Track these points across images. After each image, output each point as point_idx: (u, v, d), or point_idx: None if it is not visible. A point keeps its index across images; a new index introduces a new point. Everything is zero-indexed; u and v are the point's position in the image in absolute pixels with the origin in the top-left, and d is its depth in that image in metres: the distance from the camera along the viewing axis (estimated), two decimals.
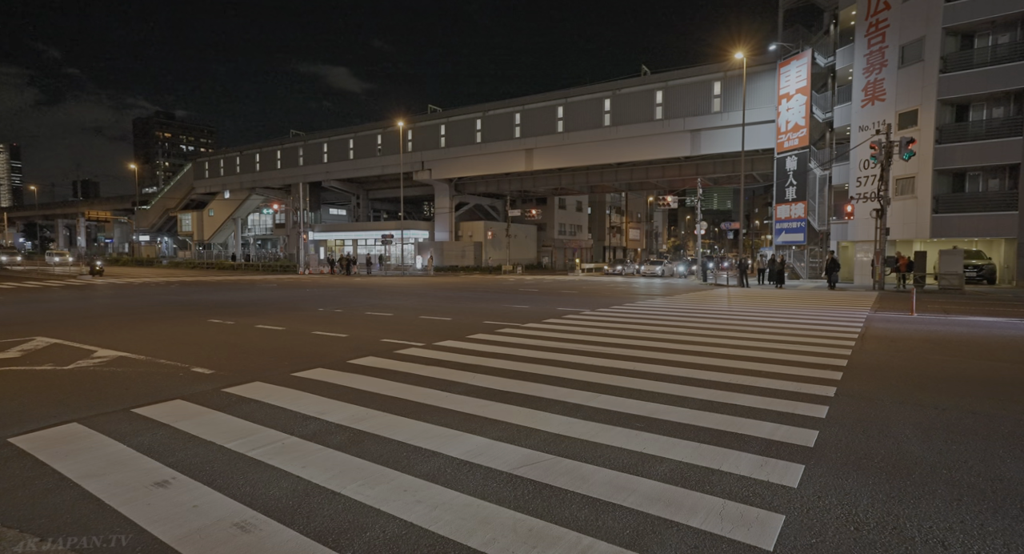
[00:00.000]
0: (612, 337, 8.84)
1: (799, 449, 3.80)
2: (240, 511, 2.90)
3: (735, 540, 2.60)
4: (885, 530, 2.70)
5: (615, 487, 3.18)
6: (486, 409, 4.78)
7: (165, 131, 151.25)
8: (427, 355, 7.33)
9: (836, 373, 6.18)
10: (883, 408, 4.83)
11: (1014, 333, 9.43)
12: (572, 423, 4.38)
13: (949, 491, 3.14)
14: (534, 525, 2.75)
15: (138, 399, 5.16)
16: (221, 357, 7.29)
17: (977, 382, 5.82)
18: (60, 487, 3.22)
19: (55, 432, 4.21)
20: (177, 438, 4.08)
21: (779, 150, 28.62)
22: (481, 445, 3.89)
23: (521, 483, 3.25)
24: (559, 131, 38.11)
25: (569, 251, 54.15)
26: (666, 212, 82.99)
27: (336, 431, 4.22)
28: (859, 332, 9.49)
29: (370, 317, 11.89)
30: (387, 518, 2.83)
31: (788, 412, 4.67)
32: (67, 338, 8.90)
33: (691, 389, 5.45)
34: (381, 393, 5.35)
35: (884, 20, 24.41)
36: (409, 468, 3.48)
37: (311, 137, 51.73)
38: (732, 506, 2.94)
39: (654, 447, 3.83)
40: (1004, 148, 21.59)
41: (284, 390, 5.48)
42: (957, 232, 22.90)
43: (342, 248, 52.42)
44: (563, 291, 20.65)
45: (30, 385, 5.74)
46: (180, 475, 3.38)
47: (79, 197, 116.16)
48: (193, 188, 64.99)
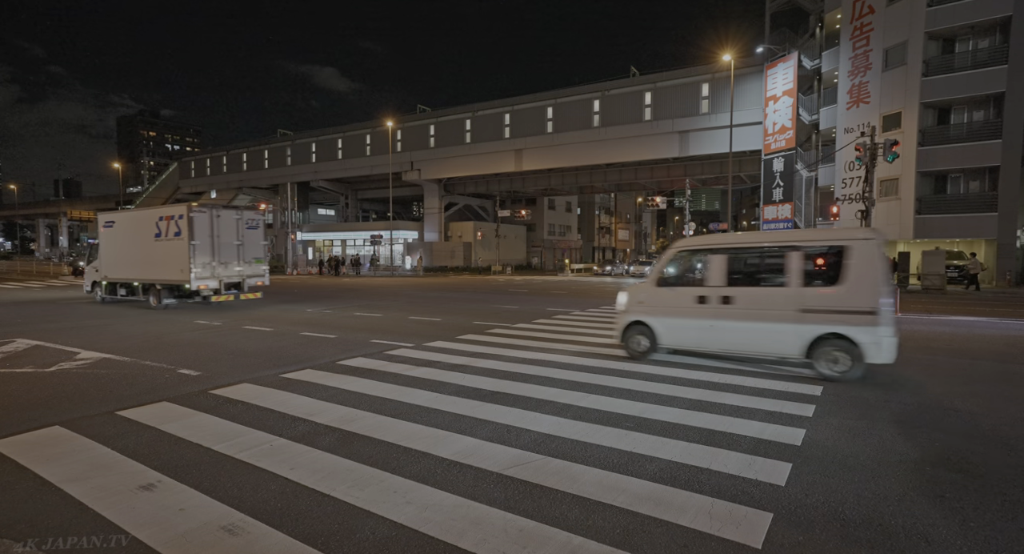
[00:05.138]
0: (602, 337, 8.87)
1: (786, 448, 3.84)
2: (228, 514, 2.87)
3: (724, 538, 2.62)
4: (870, 526, 2.74)
5: (605, 487, 3.19)
6: (476, 410, 4.77)
7: (150, 130, 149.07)
8: (417, 356, 7.30)
9: None
10: (869, 407, 4.89)
11: (993, 332, 9.61)
12: (562, 423, 4.39)
13: (932, 488, 3.19)
14: (524, 525, 2.75)
15: (122, 401, 5.08)
16: (208, 358, 7.21)
17: (959, 381, 5.92)
18: (41, 491, 3.16)
19: (36, 435, 4.13)
20: (163, 441, 4.02)
21: (766, 152, 28.93)
22: (471, 446, 3.88)
23: (511, 483, 3.25)
24: (549, 132, 38.17)
25: (558, 251, 54.25)
26: (655, 213, 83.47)
27: (325, 432, 4.18)
28: None
29: (359, 318, 11.82)
30: (377, 519, 2.81)
31: (776, 411, 4.72)
32: (49, 340, 8.74)
33: (680, 389, 5.48)
34: (371, 394, 5.32)
35: (868, 24, 24.77)
36: (399, 469, 3.46)
37: (299, 137, 51.31)
38: (721, 504, 2.97)
39: (644, 446, 3.85)
40: (984, 151, 22.01)
41: (272, 391, 5.43)
42: (940, 233, 23.30)
43: (331, 249, 52.05)
44: (552, 291, 20.68)
45: (10, 388, 5.63)
46: (166, 478, 3.33)
47: (61, 196, 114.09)
48: (179, 188, 64.13)
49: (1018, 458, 3.65)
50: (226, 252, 13.39)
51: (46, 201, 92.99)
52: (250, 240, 13.99)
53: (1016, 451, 3.78)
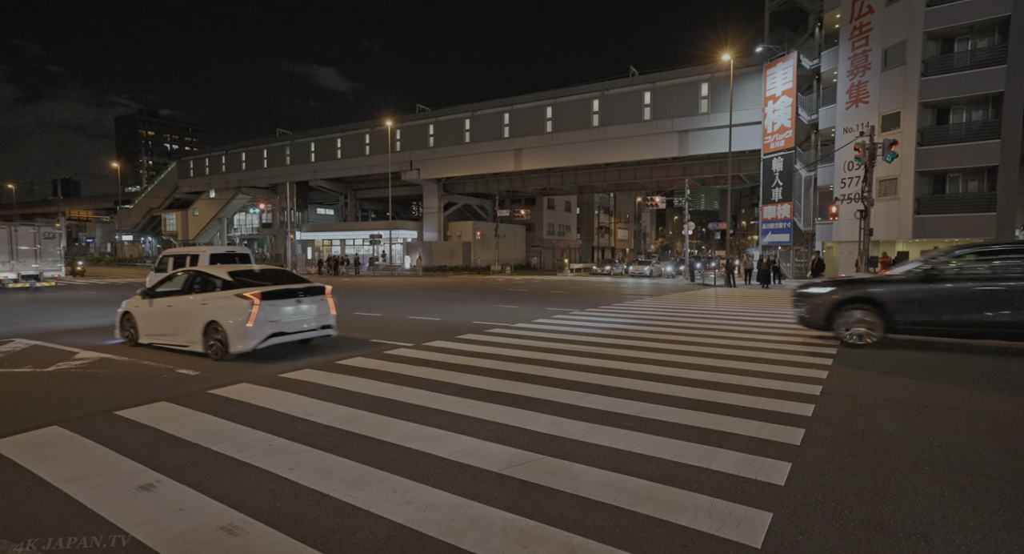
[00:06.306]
0: (601, 337, 8.87)
1: (786, 447, 3.84)
2: (227, 514, 2.87)
3: (723, 538, 2.62)
4: (870, 526, 2.75)
5: (605, 486, 3.19)
6: (475, 409, 4.77)
7: (148, 129, 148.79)
8: (416, 355, 7.30)
9: (822, 372, 6.26)
10: (867, 406, 4.90)
11: None
12: (561, 423, 4.39)
13: (931, 487, 3.20)
14: (524, 525, 2.75)
15: (121, 401, 5.08)
16: (206, 358, 7.19)
17: (958, 380, 5.93)
18: (40, 491, 3.16)
19: (35, 435, 4.13)
20: (162, 441, 4.01)
21: (765, 151, 28.94)
22: (471, 445, 3.88)
23: (511, 483, 3.25)
24: (548, 131, 38.17)
25: (558, 251, 54.25)
26: (654, 212, 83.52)
27: (324, 432, 4.18)
28: None
29: (358, 317, 11.81)
30: (377, 519, 2.81)
31: (775, 411, 4.72)
32: (47, 339, 8.73)
33: (679, 388, 5.48)
34: (370, 394, 5.31)
35: (868, 24, 24.79)
36: (398, 469, 3.46)
37: (298, 136, 51.27)
38: (720, 504, 2.97)
39: (643, 446, 3.85)
40: (983, 150, 22.04)
41: (271, 391, 5.42)
42: (938, 233, 23.32)
43: (330, 248, 52.02)
44: (552, 291, 20.68)
45: (9, 388, 5.62)
46: (165, 478, 3.33)
47: (59, 196, 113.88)
48: (178, 187, 64.08)
49: (1018, 458, 3.66)
50: (24, 255, 19.53)
51: (44, 201, 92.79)
52: (47, 247, 20.38)
53: (1016, 451, 3.79)
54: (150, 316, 7.98)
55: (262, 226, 61.66)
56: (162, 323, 7.82)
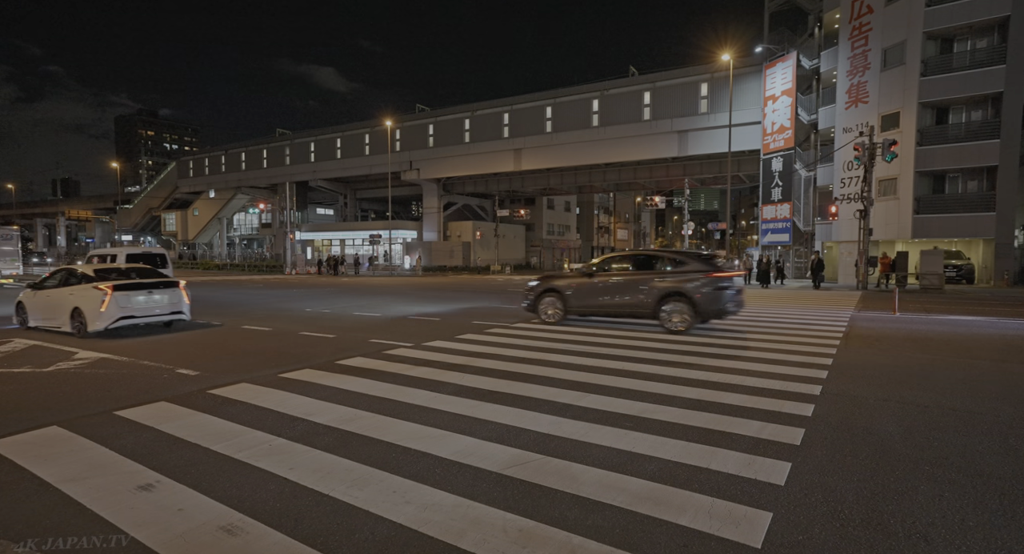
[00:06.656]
0: (600, 337, 8.87)
1: (786, 447, 3.84)
2: (226, 514, 2.86)
3: (723, 538, 2.62)
4: (870, 526, 2.74)
5: (604, 486, 3.19)
6: (475, 409, 4.77)
7: (148, 129, 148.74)
8: (416, 355, 7.29)
9: (822, 372, 6.26)
10: (867, 406, 4.90)
11: (991, 331, 9.63)
12: (561, 423, 4.39)
13: (931, 487, 3.20)
14: (524, 525, 2.74)
15: (121, 401, 5.07)
16: (206, 358, 7.20)
17: (957, 380, 5.93)
18: (39, 492, 3.15)
19: (34, 435, 4.12)
20: (161, 441, 4.01)
21: (765, 151, 28.94)
22: (470, 445, 3.88)
23: (511, 483, 3.25)
24: (547, 131, 38.16)
25: (557, 251, 54.25)
26: (654, 212, 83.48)
27: (324, 432, 4.18)
28: (844, 331, 9.63)
29: (358, 317, 11.81)
30: (376, 520, 2.81)
31: (775, 411, 4.72)
32: (46, 339, 8.72)
33: (679, 388, 5.48)
34: (369, 394, 5.31)
35: (867, 24, 24.81)
36: (398, 469, 3.46)
37: (298, 136, 51.26)
38: (720, 504, 2.97)
39: (643, 446, 3.85)
40: (982, 150, 22.06)
41: (271, 391, 5.42)
42: (938, 233, 23.34)
43: (329, 248, 52.01)
44: None
45: (8, 388, 5.62)
46: (165, 478, 3.32)
47: (59, 196, 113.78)
48: (177, 187, 64.05)
49: (1018, 457, 3.66)
50: None
51: (44, 201, 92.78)
52: (5, 249, 25.20)
53: (1015, 450, 3.79)
54: (35, 305, 9.78)
55: (262, 226, 61.66)
56: (42, 310, 9.61)
